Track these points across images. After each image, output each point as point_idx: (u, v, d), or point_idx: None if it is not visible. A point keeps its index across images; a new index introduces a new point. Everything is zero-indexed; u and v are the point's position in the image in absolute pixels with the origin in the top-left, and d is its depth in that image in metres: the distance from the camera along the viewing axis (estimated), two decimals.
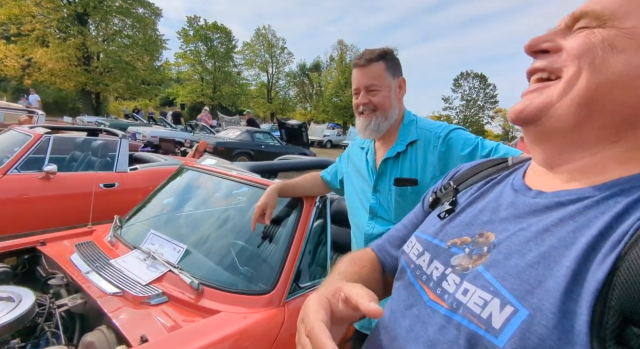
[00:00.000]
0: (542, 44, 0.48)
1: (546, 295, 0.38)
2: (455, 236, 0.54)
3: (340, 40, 38.33)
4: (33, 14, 20.41)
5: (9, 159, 3.13)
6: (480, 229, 0.51)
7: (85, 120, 14.80)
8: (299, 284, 1.42)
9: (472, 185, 0.63)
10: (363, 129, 1.19)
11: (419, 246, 0.59)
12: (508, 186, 0.55)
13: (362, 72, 1.16)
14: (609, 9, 0.43)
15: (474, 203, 0.58)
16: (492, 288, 0.42)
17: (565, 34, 0.47)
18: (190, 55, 32.76)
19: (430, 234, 0.59)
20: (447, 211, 0.60)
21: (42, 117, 6.31)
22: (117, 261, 1.49)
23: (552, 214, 0.44)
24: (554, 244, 0.41)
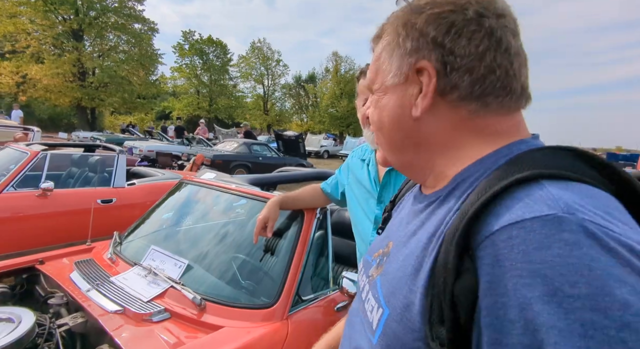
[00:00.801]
0: (364, 117, 0.65)
1: (399, 293, 0.43)
2: (376, 249, 0.58)
3: (335, 52, 38.89)
4: (28, 31, 20.55)
5: (5, 177, 3.11)
6: (387, 240, 0.55)
7: (81, 135, 14.79)
8: (302, 297, 1.41)
9: (400, 198, 0.69)
10: (373, 140, 1.19)
11: (361, 265, 0.63)
12: (412, 196, 0.59)
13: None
14: (369, 79, 0.55)
15: (393, 217, 0.64)
16: (377, 294, 0.48)
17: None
18: (186, 69, 32.98)
19: (367, 253, 0.63)
20: (380, 227, 0.67)
21: (37, 134, 6.28)
22: (118, 278, 1.48)
23: (420, 217, 0.49)
24: (412, 246, 0.46)
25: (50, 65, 20.39)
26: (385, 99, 0.50)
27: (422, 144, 0.49)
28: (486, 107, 0.45)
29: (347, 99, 34.85)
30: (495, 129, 0.46)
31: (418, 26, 0.46)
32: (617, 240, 0.30)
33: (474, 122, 0.46)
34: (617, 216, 0.32)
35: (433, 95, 0.46)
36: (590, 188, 0.35)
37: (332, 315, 1.45)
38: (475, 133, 0.46)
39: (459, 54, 0.44)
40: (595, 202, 0.33)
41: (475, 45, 0.44)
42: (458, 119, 0.46)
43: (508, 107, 0.46)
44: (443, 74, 0.45)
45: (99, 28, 23.00)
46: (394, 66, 0.49)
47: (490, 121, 0.46)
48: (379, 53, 0.52)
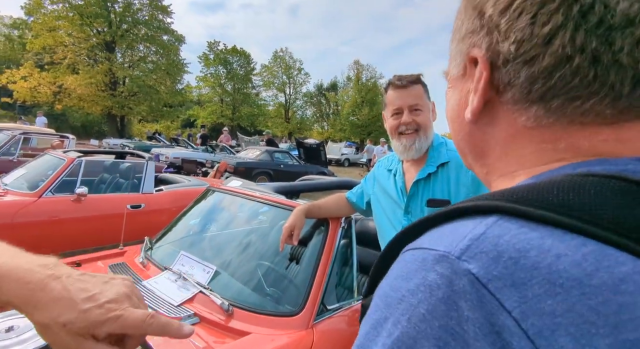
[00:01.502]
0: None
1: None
2: None
3: (356, 60, 39.04)
4: (65, 44, 21.76)
5: (44, 182, 3.29)
6: None
7: (111, 143, 15.41)
8: (327, 306, 1.42)
9: None
10: (406, 150, 1.18)
11: None
12: None
13: (406, 93, 1.17)
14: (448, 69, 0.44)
15: None
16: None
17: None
18: (210, 78, 33.95)
19: None
20: None
21: (72, 141, 6.62)
22: (149, 282, 1.53)
23: None
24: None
25: (84, 76, 21.47)
26: (449, 92, 0.43)
27: (479, 153, 0.41)
28: (553, 113, 0.32)
29: (368, 107, 34.83)
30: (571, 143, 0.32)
31: (478, 2, 0.35)
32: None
33: (539, 132, 0.34)
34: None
35: (484, 93, 0.36)
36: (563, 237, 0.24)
37: (356, 325, 1.44)
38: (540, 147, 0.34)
39: (517, 38, 0.32)
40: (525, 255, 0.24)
41: (540, 24, 0.30)
42: (516, 127, 0.35)
43: (599, 113, 0.30)
44: (496, 67, 0.34)
45: (130, 40, 24.10)
46: (454, 54, 0.41)
47: (562, 133, 0.32)
48: (452, 37, 0.42)
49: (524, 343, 0.21)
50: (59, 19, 21.38)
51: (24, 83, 20.33)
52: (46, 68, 21.86)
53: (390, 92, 1.21)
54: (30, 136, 6.35)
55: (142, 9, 24.42)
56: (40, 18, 21.43)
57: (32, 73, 20.71)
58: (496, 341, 0.22)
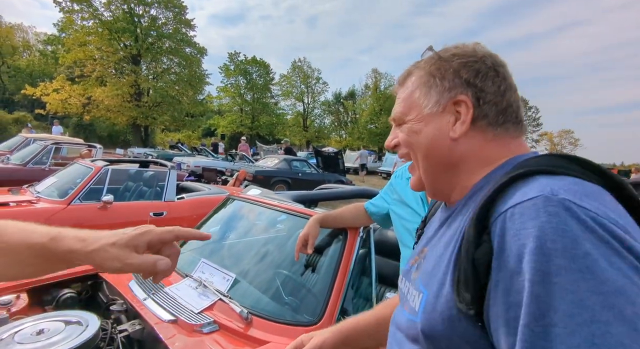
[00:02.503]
0: (392, 142, 0.71)
1: (435, 278, 0.55)
2: (413, 258, 0.70)
3: (374, 69, 39.19)
4: (94, 57, 22.79)
5: (73, 190, 3.43)
6: (423, 247, 0.67)
7: (135, 152, 15.90)
8: (345, 316, 1.41)
9: (431, 214, 0.81)
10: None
11: (402, 276, 0.73)
12: (440, 208, 0.73)
13: None
14: (403, 112, 0.68)
15: (427, 229, 0.75)
16: (417, 286, 0.59)
17: (397, 130, 0.70)
18: (230, 89, 34.70)
19: (406, 264, 0.74)
20: (415, 242, 0.79)
21: (100, 151, 6.89)
22: (171, 288, 1.56)
23: (448, 221, 0.63)
24: (443, 244, 0.58)
25: (112, 88, 22.37)
26: (420, 125, 0.64)
27: (453, 163, 0.62)
28: (506, 131, 0.61)
29: (386, 115, 34.64)
30: (509, 148, 0.61)
31: (452, 70, 0.61)
32: (585, 212, 0.41)
33: (496, 142, 0.61)
34: (592, 197, 0.43)
35: (470, 122, 0.60)
36: (575, 179, 0.46)
37: None
38: (496, 151, 0.61)
39: (488, 91, 0.60)
40: (575, 188, 0.44)
41: (497, 86, 0.60)
42: (484, 141, 0.61)
43: (519, 131, 0.62)
44: (477, 106, 0.60)
45: (155, 52, 25.00)
46: (432, 100, 0.62)
47: (506, 141, 0.61)
48: (411, 91, 0.66)
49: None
50: (89, 35, 22.46)
51: (56, 95, 21.36)
52: (76, 81, 22.92)
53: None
54: (61, 146, 6.64)
55: (167, 23, 25.35)
56: (72, 34, 22.58)
57: (64, 86, 21.75)
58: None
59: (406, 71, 0.70)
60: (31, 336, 1.16)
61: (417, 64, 0.68)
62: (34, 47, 34.81)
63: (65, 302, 1.62)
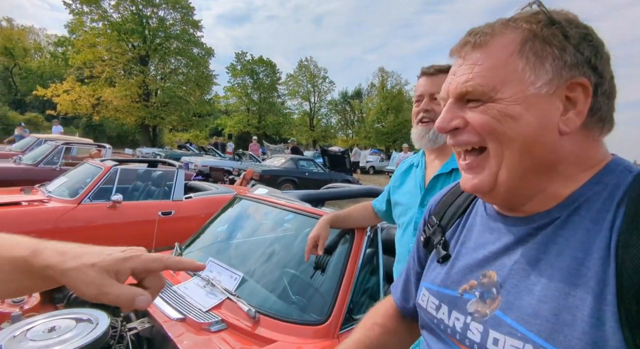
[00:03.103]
0: (451, 123, 0.53)
1: (571, 330, 0.40)
2: (462, 282, 0.55)
3: (381, 68, 39.03)
4: (103, 58, 23.07)
5: (83, 189, 3.48)
6: (482, 269, 0.53)
7: (144, 151, 16.07)
8: (353, 315, 1.41)
9: (454, 220, 0.65)
10: (420, 138, 1.17)
11: (434, 298, 0.59)
12: (484, 215, 0.59)
13: (430, 80, 1.15)
14: (488, 85, 0.49)
15: (465, 242, 0.60)
16: (520, 334, 0.44)
17: (462, 109, 0.53)
18: (237, 88, 34.86)
19: (439, 285, 0.59)
20: (444, 257, 0.62)
21: (109, 151, 6.97)
22: (179, 287, 1.57)
23: (536, 240, 0.48)
24: (552, 274, 0.44)
25: (120, 88, 22.62)
26: (518, 109, 0.47)
27: (551, 163, 0.48)
28: (603, 130, 0.49)
29: (393, 114, 34.58)
30: (604, 149, 0.50)
31: (573, 42, 0.47)
32: None
33: (598, 142, 0.50)
34: None
35: (585, 112, 0.47)
36: None
37: None
38: (597, 153, 0.49)
39: (605, 78, 0.47)
40: None
41: (609, 71, 0.48)
42: (590, 139, 0.49)
43: (608, 131, 0.50)
44: (594, 94, 0.47)
45: (163, 53, 25.22)
46: (545, 77, 0.47)
47: (599, 143, 0.50)
48: (506, 58, 0.48)
49: None
50: (98, 36, 22.73)
51: (66, 96, 21.67)
52: (86, 82, 23.22)
53: (419, 80, 1.20)
54: (71, 146, 6.74)
55: (175, 24, 25.54)
56: (82, 35, 22.87)
57: (74, 87, 22.04)
58: None
59: (486, 28, 0.51)
60: (43, 333, 1.17)
61: (509, 22, 0.50)
62: (44, 49, 35.34)
63: (77, 300, 1.64)
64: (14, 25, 32.64)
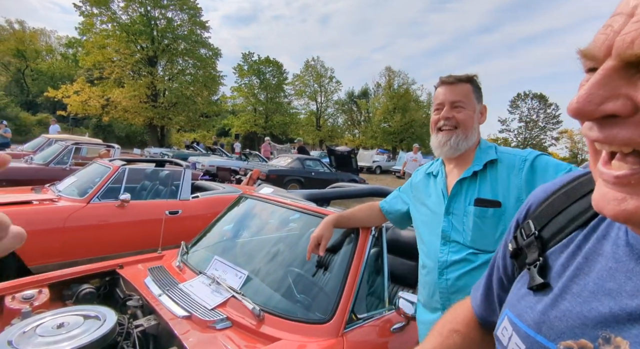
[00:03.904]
0: (605, 106, 0.31)
1: None
2: (567, 335, 0.39)
3: (388, 67, 38.74)
4: (112, 60, 23.35)
5: (92, 189, 3.53)
6: (603, 330, 0.36)
7: (152, 151, 16.22)
8: (357, 315, 1.41)
9: (562, 235, 0.47)
10: (441, 146, 1.16)
11: (519, 340, 0.44)
12: (621, 244, 0.39)
13: (450, 89, 1.16)
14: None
15: (580, 276, 0.42)
16: None
17: (628, 82, 0.30)
18: (244, 89, 34.98)
19: (529, 325, 0.44)
20: (539, 286, 0.45)
21: (118, 151, 7.05)
22: (185, 285, 1.59)
23: None
24: None
25: (129, 89, 22.86)
26: None
27: None
28: None
29: (400, 114, 34.41)
30: None
31: None
32: None
33: None
34: None
35: None
36: None
37: (387, 336, 1.42)
38: None
39: None
40: None
41: None
42: None
43: None
44: None
45: (170, 54, 25.43)
46: None
47: None
48: None
49: None
50: (108, 38, 23.02)
51: (76, 97, 21.96)
52: (95, 83, 23.52)
53: (437, 89, 1.20)
54: (81, 146, 6.83)
55: (182, 25, 25.74)
56: (92, 37, 23.18)
57: (84, 88, 22.33)
58: None
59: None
60: (52, 329, 1.20)
61: None
62: (55, 51, 35.88)
63: (85, 297, 1.67)
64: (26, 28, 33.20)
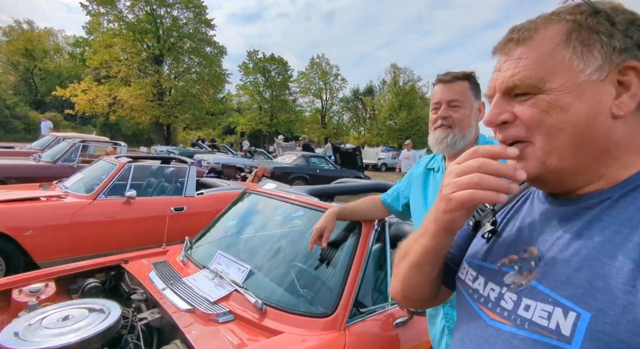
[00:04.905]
0: (499, 118, 0.54)
1: (603, 295, 0.42)
2: (502, 256, 0.58)
3: (393, 64, 38.52)
4: (119, 58, 23.53)
5: (98, 185, 3.56)
6: (524, 246, 0.55)
7: (158, 149, 16.34)
8: (360, 309, 1.41)
9: (506, 204, 0.67)
10: (437, 143, 1.16)
11: (472, 271, 0.62)
12: (535, 199, 0.61)
13: (447, 88, 1.16)
14: (535, 77, 0.50)
15: (511, 221, 0.63)
16: (551, 298, 0.46)
17: (510, 103, 0.54)
18: (250, 87, 35.04)
19: (480, 259, 0.62)
20: (490, 231, 0.63)
21: (124, 148, 7.12)
22: (189, 279, 1.60)
23: (582, 218, 0.50)
24: (592, 246, 0.46)
25: (135, 87, 23.05)
26: (569, 98, 0.48)
27: (606, 148, 0.49)
28: None
29: (406, 111, 34.22)
30: None
31: (620, 28, 0.48)
32: None
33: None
34: None
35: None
36: None
37: (390, 330, 1.42)
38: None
39: None
40: None
41: None
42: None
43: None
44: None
45: (176, 52, 25.58)
46: (594, 63, 0.48)
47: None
48: (551, 49, 0.50)
49: None
50: (114, 37, 23.19)
51: (84, 96, 22.18)
52: (103, 82, 23.72)
53: (435, 87, 1.20)
54: (88, 144, 6.90)
55: (188, 23, 25.85)
56: (99, 36, 23.37)
57: (91, 87, 22.55)
58: None
59: (527, 24, 0.53)
60: (57, 321, 1.21)
61: (551, 16, 0.52)
62: (63, 50, 36.20)
63: (90, 291, 1.69)
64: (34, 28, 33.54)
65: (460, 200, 0.52)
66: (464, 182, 0.51)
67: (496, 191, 0.49)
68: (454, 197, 0.53)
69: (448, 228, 0.59)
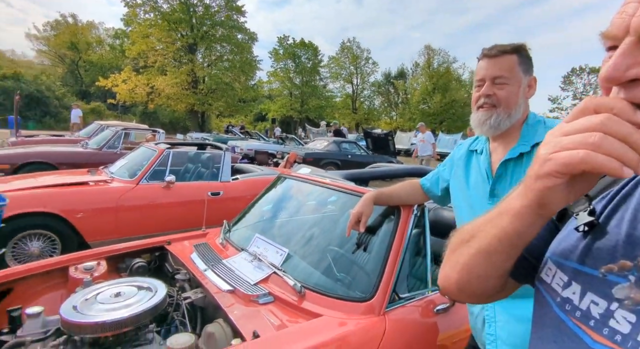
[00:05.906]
0: (629, 72, 0.37)
1: None
2: (608, 259, 0.43)
3: (427, 45, 37.07)
4: (155, 48, 24.29)
5: (140, 170, 3.73)
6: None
7: (194, 136, 16.85)
8: (399, 294, 1.38)
9: (606, 189, 0.51)
10: (480, 124, 1.08)
11: (562, 274, 0.48)
12: None
13: (492, 63, 1.06)
14: None
15: (617, 212, 0.47)
16: None
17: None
18: (280, 73, 35.10)
19: (574, 260, 0.48)
20: (588, 223, 0.47)
21: (162, 135, 7.41)
22: (228, 261, 1.64)
23: None
24: None
25: (171, 77, 23.78)
26: None
27: None
28: None
29: (440, 94, 33.00)
30: None
31: None
32: None
33: None
34: None
35: None
36: None
37: (431, 317, 1.39)
38: None
39: None
40: None
41: None
42: None
43: None
44: None
45: (209, 41, 26.02)
46: None
47: None
48: None
49: None
50: (150, 27, 23.92)
51: (124, 86, 23.21)
52: (141, 72, 24.66)
53: (479, 62, 1.10)
54: (129, 131, 7.23)
55: (220, 11, 26.12)
56: (136, 27, 24.20)
57: (130, 76, 23.53)
58: None
59: None
60: (110, 297, 1.28)
61: None
62: (104, 42, 37.85)
63: (137, 270, 1.78)
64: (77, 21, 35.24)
65: (564, 160, 0.37)
66: (576, 141, 0.36)
67: (620, 161, 0.34)
68: (554, 157, 0.38)
69: (540, 203, 0.42)
